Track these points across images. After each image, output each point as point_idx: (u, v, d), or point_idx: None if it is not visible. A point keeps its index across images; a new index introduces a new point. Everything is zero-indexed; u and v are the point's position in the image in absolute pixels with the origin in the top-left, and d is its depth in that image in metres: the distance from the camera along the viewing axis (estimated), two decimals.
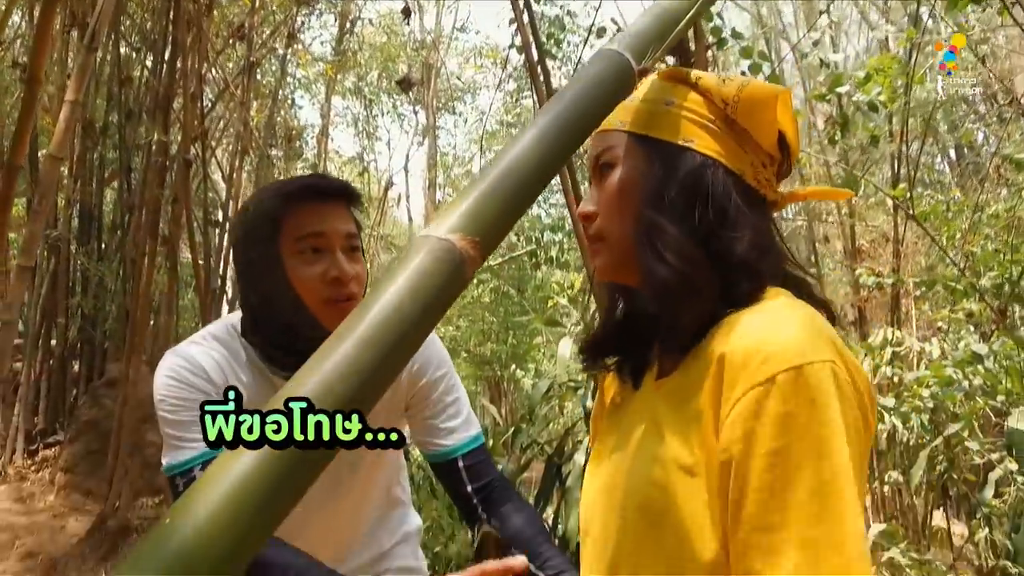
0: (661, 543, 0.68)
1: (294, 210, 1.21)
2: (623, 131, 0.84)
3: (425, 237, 0.61)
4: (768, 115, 0.81)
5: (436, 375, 1.36)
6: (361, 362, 0.51)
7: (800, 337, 0.66)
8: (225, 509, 0.43)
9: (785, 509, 0.61)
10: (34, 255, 3.56)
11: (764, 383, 0.64)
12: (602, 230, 0.82)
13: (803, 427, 0.62)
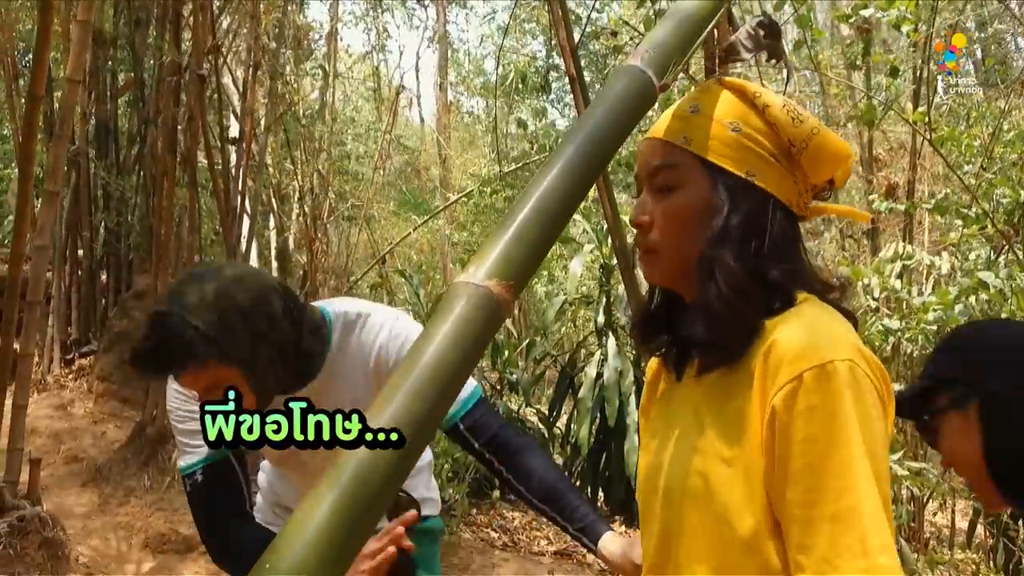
0: (703, 520, 0.80)
1: None
2: (688, 150, 0.87)
3: (464, 284, 0.69)
4: (833, 166, 0.89)
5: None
6: (415, 413, 0.60)
7: (823, 339, 0.77)
8: (312, 553, 0.53)
9: (817, 489, 0.73)
10: (60, 180, 3.63)
11: (793, 380, 0.75)
12: (659, 245, 0.88)
13: (827, 417, 0.73)
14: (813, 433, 0.73)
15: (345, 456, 0.58)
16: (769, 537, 0.77)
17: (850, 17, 3.25)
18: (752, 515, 0.77)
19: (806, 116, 0.88)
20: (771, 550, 0.76)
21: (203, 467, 1.38)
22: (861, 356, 0.77)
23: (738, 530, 0.77)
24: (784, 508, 0.75)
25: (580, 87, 2.48)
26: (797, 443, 0.74)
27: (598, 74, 12.23)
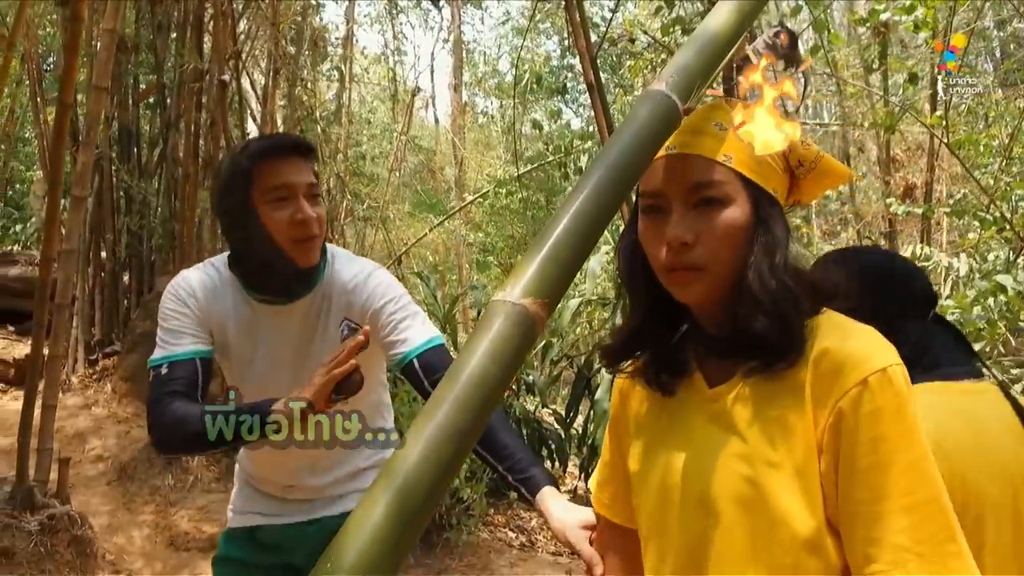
0: (755, 525, 0.82)
1: (264, 165, 1.48)
2: (731, 168, 0.89)
3: (502, 302, 0.73)
4: (828, 187, 0.95)
5: (379, 304, 1.56)
6: (459, 425, 0.65)
7: (876, 345, 0.82)
8: (369, 552, 0.58)
9: (885, 485, 0.76)
10: (87, 185, 3.72)
11: (859, 384, 0.79)
12: (705, 262, 0.88)
13: (892, 417, 0.78)
14: (882, 433, 0.77)
15: (396, 464, 0.62)
16: (828, 535, 0.80)
17: (866, 21, 3.27)
18: (813, 516, 0.80)
19: (810, 142, 0.95)
20: (832, 548, 0.80)
21: (170, 361, 1.50)
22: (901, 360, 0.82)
23: (799, 531, 0.80)
24: (849, 506, 0.78)
25: (599, 94, 2.51)
26: (864, 443, 0.78)
27: (613, 75, 12.27)
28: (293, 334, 1.60)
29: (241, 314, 1.58)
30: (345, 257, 1.65)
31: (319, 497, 1.69)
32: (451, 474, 0.65)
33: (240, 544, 1.74)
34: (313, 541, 1.67)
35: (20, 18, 4.10)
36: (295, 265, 1.51)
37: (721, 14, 0.99)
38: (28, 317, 6.60)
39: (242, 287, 1.57)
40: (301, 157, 1.53)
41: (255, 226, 1.49)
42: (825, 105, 12.53)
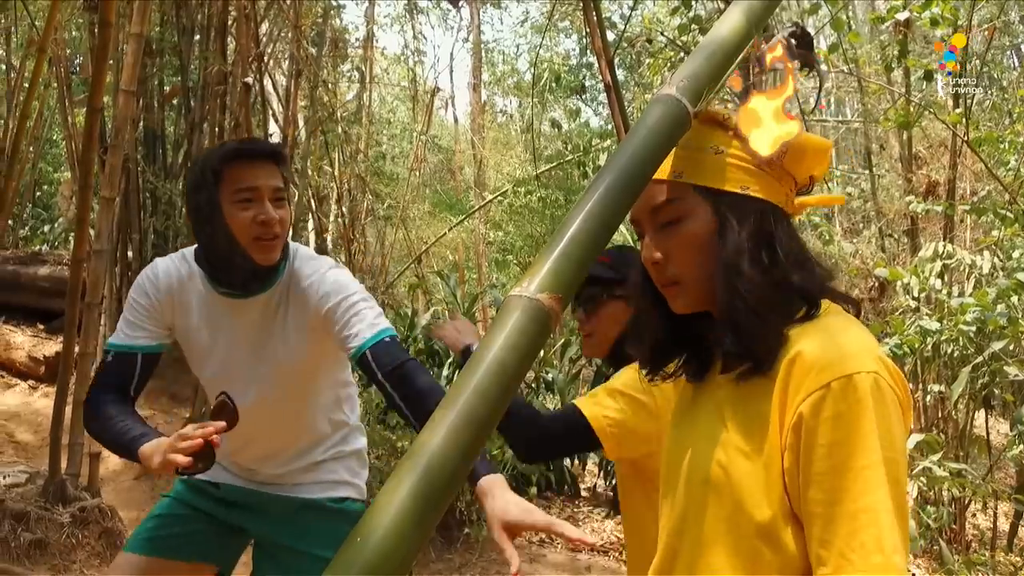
0: (720, 507, 0.87)
1: (233, 167, 1.57)
2: (683, 183, 0.94)
3: (518, 297, 0.77)
4: (816, 161, 0.95)
5: (333, 301, 1.62)
6: (478, 412, 0.69)
7: (851, 352, 0.83)
8: (395, 529, 0.62)
9: (839, 489, 0.79)
10: (116, 187, 3.81)
11: (821, 388, 0.82)
12: (678, 276, 0.94)
13: (851, 425, 0.80)
14: (837, 438, 0.80)
15: (420, 449, 0.67)
16: (785, 524, 0.84)
17: (884, 20, 3.27)
18: (769, 505, 0.84)
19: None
20: (788, 535, 0.83)
21: (117, 351, 1.66)
22: (884, 367, 0.84)
23: (755, 517, 0.84)
24: (806, 506, 0.82)
25: (616, 95, 2.54)
26: (821, 447, 0.80)
27: (632, 73, 12.27)
28: (251, 328, 1.68)
29: (203, 305, 1.68)
30: (306, 256, 1.72)
31: (279, 483, 1.77)
32: (471, 458, 0.69)
33: (195, 491, 1.79)
34: (274, 511, 1.76)
35: (50, 23, 4.20)
36: (253, 262, 1.60)
37: (730, 20, 1.02)
38: (57, 315, 6.75)
39: (206, 280, 1.67)
40: (270, 162, 1.61)
41: (220, 223, 1.57)
42: (847, 102, 12.44)
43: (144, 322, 1.68)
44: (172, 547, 1.73)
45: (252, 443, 1.74)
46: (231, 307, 1.67)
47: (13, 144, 4.99)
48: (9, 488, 3.64)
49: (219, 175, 1.56)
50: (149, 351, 1.68)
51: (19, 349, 6.65)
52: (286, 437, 1.75)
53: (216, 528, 1.78)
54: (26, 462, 4.95)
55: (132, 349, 1.67)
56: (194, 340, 1.70)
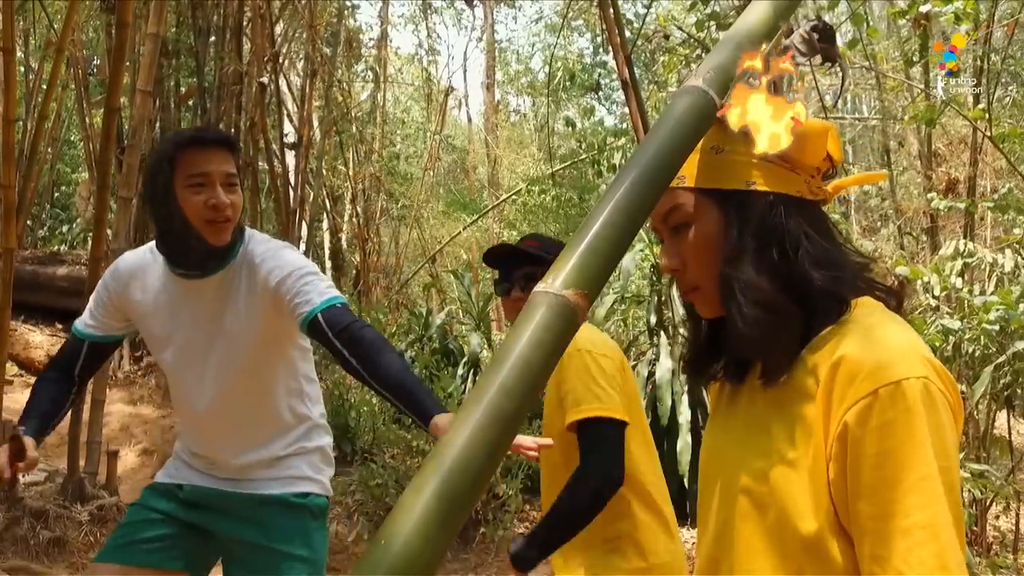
0: (763, 519, 0.83)
1: (186, 153, 1.64)
2: (686, 188, 0.91)
3: (544, 293, 0.75)
4: (819, 145, 0.89)
5: (283, 275, 1.69)
6: (504, 410, 0.67)
7: (898, 355, 0.78)
8: (419, 531, 0.61)
9: (890, 503, 0.74)
10: (133, 186, 3.83)
11: (868, 396, 0.77)
12: (695, 282, 0.91)
13: (901, 434, 0.75)
14: (888, 448, 0.75)
15: (443, 448, 0.65)
16: (832, 537, 0.79)
17: (906, 13, 3.22)
18: (815, 518, 0.79)
19: None
20: (835, 549, 0.79)
21: (73, 334, 1.82)
22: (934, 370, 0.79)
23: (801, 530, 0.80)
24: (856, 520, 0.77)
25: (635, 92, 2.52)
26: (870, 457, 0.76)
27: (646, 71, 12.21)
28: (208, 306, 1.73)
29: (164, 290, 1.75)
30: (260, 238, 1.79)
31: (241, 477, 1.79)
32: (498, 456, 0.67)
33: (160, 495, 1.83)
34: (237, 510, 1.78)
35: (68, 24, 4.23)
36: (206, 243, 1.66)
37: (756, 12, 1.00)
38: (75, 315, 6.81)
39: (165, 263, 1.74)
40: (223, 149, 1.68)
41: (174, 207, 1.64)
42: (864, 99, 12.32)
43: (99, 313, 1.79)
44: (143, 553, 1.75)
45: (211, 426, 1.78)
46: (189, 289, 1.73)
47: (32, 145, 5.02)
48: (28, 486, 3.67)
49: (173, 162, 1.64)
50: (96, 340, 1.80)
51: (38, 348, 6.71)
52: (245, 421, 1.78)
53: (183, 531, 1.80)
54: (45, 461, 4.99)
55: (81, 336, 1.80)
56: (154, 324, 1.77)
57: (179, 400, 1.82)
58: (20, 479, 3.67)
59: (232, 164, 1.69)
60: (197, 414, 1.77)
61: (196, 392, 1.75)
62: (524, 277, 1.82)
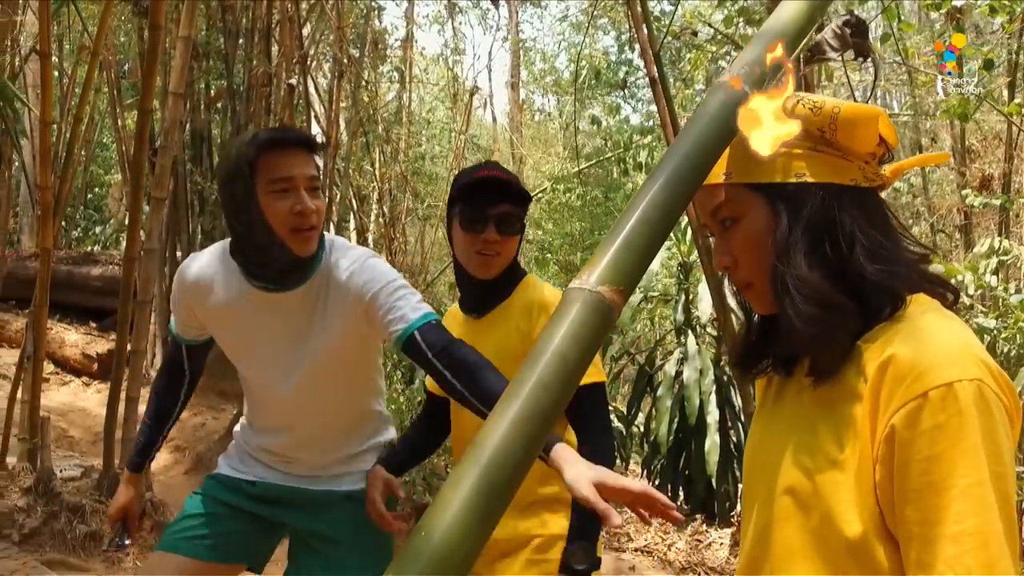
0: (806, 520, 0.82)
1: (268, 157, 1.54)
2: (735, 183, 0.89)
3: (579, 289, 0.76)
4: (869, 131, 0.87)
5: (376, 288, 1.60)
6: (541, 405, 0.68)
7: (950, 356, 0.76)
8: (459, 523, 0.61)
9: (939, 508, 0.72)
10: (166, 187, 3.89)
11: (918, 398, 0.75)
12: (748, 279, 0.91)
13: (952, 438, 0.73)
14: (937, 453, 0.73)
15: (482, 442, 0.66)
16: (878, 541, 0.78)
17: (939, 7, 3.17)
18: (861, 521, 0.78)
19: (822, 102, 0.88)
20: (880, 553, 0.77)
21: (172, 337, 1.81)
22: (988, 372, 0.76)
23: (845, 533, 0.78)
24: (903, 525, 0.76)
25: (663, 88, 2.51)
26: (919, 461, 0.74)
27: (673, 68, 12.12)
28: (290, 320, 1.64)
29: (240, 300, 1.64)
30: (343, 246, 1.70)
31: (321, 474, 1.76)
32: (535, 450, 0.68)
33: (228, 488, 1.78)
34: (312, 505, 1.74)
35: (102, 29, 4.31)
36: (291, 253, 1.56)
37: (790, 7, 0.99)
38: (109, 314, 6.94)
39: (242, 274, 1.63)
40: (305, 151, 1.59)
41: (256, 214, 1.53)
42: (895, 94, 12.14)
43: (180, 315, 1.73)
44: (209, 548, 1.72)
45: (292, 430, 1.74)
46: (269, 301, 1.64)
47: (67, 148, 5.13)
48: (65, 482, 3.74)
49: (254, 165, 1.53)
50: (189, 344, 1.77)
51: (73, 347, 6.85)
52: (330, 426, 1.75)
53: (253, 526, 1.77)
54: (80, 457, 5.09)
55: (177, 340, 1.79)
56: (230, 335, 1.69)
57: (259, 407, 1.76)
58: (58, 473, 3.75)
59: (314, 166, 1.60)
60: (280, 422, 1.73)
61: (279, 402, 1.70)
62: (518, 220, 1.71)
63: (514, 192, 1.70)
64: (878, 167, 0.91)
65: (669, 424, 5.19)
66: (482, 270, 1.72)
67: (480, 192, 1.70)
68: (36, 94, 6.73)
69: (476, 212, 1.69)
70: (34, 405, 3.84)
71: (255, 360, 1.69)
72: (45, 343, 4.25)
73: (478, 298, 1.77)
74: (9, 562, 3.15)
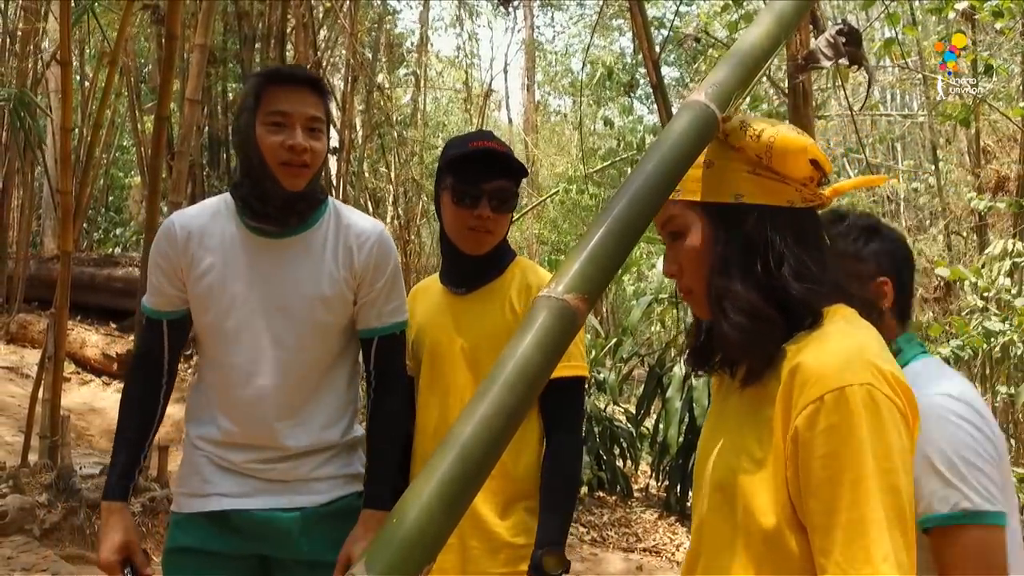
0: (731, 512, 0.91)
1: (269, 90, 1.56)
2: (680, 200, 0.97)
3: (547, 297, 0.81)
4: (800, 161, 0.94)
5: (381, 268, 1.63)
6: (507, 403, 0.74)
7: (845, 362, 0.85)
8: (427, 509, 0.67)
9: (835, 499, 0.82)
10: (183, 191, 3.99)
11: (815, 401, 0.84)
12: (689, 286, 0.99)
13: (844, 438, 0.82)
14: (832, 450, 0.82)
15: (453, 437, 0.72)
16: (791, 532, 0.86)
17: (941, 11, 3.18)
18: (775, 513, 0.86)
19: (761, 130, 0.94)
20: (793, 543, 0.86)
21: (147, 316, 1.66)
22: (880, 377, 0.84)
23: (763, 524, 0.87)
24: (808, 515, 0.85)
25: (662, 95, 2.56)
26: (817, 459, 0.83)
27: (687, 69, 12.11)
28: (285, 270, 1.60)
29: (233, 246, 1.60)
30: (352, 210, 1.71)
31: (296, 479, 1.61)
32: (501, 447, 0.74)
33: (199, 529, 1.60)
34: (292, 530, 1.59)
35: (121, 36, 4.42)
36: (282, 188, 1.55)
37: (759, 27, 1.04)
38: (129, 315, 7.08)
39: (239, 212, 1.61)
40: (308, 89, 1.58)
41: (252, 145, 1.55)
42: (914, 94, 12.05)
43: (164, 285, 1.61)
44: None
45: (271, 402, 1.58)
46: (264, 247, 1.60)
47: (88, 152, 5.25)
48: (84, 479, 3.84)
49: (258, 98, 1.55)
50: (170, 318, 1.63)
51: (93, 347, 7.00)
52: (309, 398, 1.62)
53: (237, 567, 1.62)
54: (99, 455, 5.21)
55: (158, 316, 1.63)
56: (216, 286, 1.59)
57: (233, 372, 1.59)
58: (78, 470, 3.85)
59: (318, 108, 1.59)
60: (255, 388, 1.57)
61: (258, 361, 1.57)
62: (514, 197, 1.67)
63: (510, 166, 1.65)
64: (816, 188, 0.98)
65: (679, 425, 5.22)
66: (473, 246, 1.67)
67: (474, 165, 1.63)
68: (58, 99, 6.88)
69: (469, 187, 1.63)
70: (55, 404, 3.94)
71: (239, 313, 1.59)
72: (66, 343, 4.36)
73: (468, 274, 1.71)
74: (30, 556, 3.26)
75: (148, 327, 1.66)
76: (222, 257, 1.59)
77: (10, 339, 7.44)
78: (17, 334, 7.46)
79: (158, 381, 1.66)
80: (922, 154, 11.97)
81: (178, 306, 1.63)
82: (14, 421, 5.44)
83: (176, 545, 1.61)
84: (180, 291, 1.61)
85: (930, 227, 10.34)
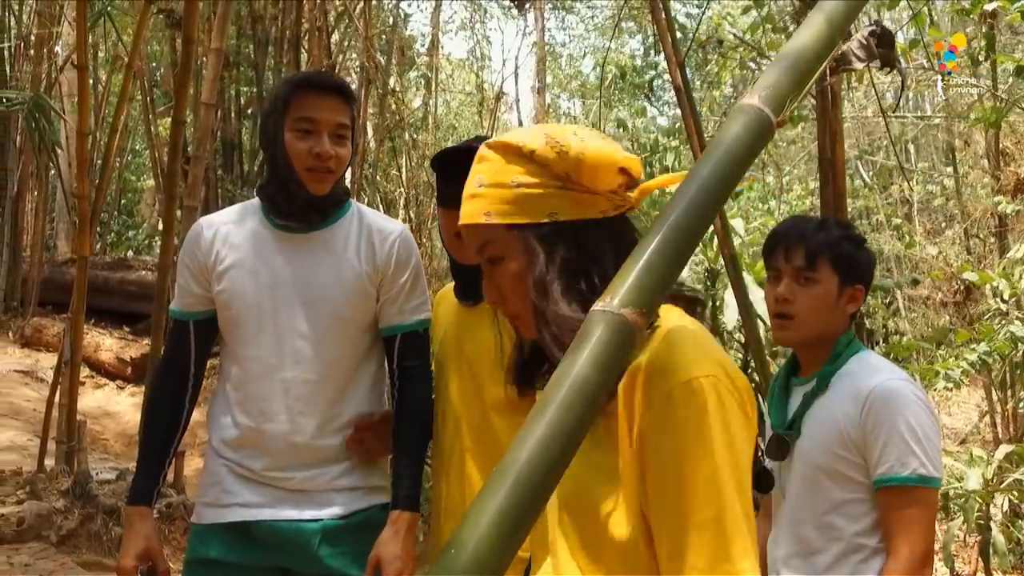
0: (582, 525, 0.88)
1: (299, 96, 1.59)
2: (492, 223, 0.92)
3: (602, 312, 0.78)
4: (609, 172, 0.92)
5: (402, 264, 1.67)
6: (566, 425, 0.70)
7: (686, 357, 0.84)
8: (486, 540, 0.64)
9: (685, 499, 0.79)
10: (198, 195, 3.97)
11: (662, 396, 0.82)
12: (515, 312, 0.95)
13: (693, 432, 0.80)
14: (681, 447, 0.80)
15: (509, 462, 0.68)
16: (644, 540, 0.83)
17: (969, 12, 3.14)
18: (628, 522, 0.84)
19: (568, 146, 0.91)
20: (648, 552, 0.83)
21: (175, 319, 1.67)
22: (723, 371, 0.84)
23: (615, 536, 0.84)
24: (656, 518, 0.81)
25: (688, 98, 2.52)
26: (667, 454, 0.80)
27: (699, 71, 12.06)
28: (308, 266, 1.62)
29: (258, 243, 1.63)
30: (375, 212, 1.77)
31: (315, 489, 1.59)
32: (562, 468, 0.70)
33: (219, 540, 1.59)
34: (312, 542, 1.58)
35: (137, 41, 4.41)
36: (307, 192, 1.60)
37: (812, 27, 1.00)
38: (143, 318, 7.09)
39: (264, 211, 1.66)
40: (336, 97, 1.61)
41: (280, 149, 1.59)
42: (927, 96, 11.96)
43: (192, 286, 1.63)
44: None
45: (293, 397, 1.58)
46: (288, 243, 1.62)
47: (103, 158, 5.26)
48: (101, 485, 3.83)
49: (287, 103, 1.59)
50: (197, 319, 1.64)
51: (107, 351, 7.00)
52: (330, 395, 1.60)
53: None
54: (115, 459, 5.21)
55: (184, 317, 1.64)
56: (240, 280, 1.60)
57: (255, 364, 1.58)
58: (94, 476, 3.84)
59: (345, 115, 1.62)
60: (277, 380, 1.57)
61: (281, 354, 1.57)
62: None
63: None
64: (625, 192, 0.95)
65: None
66: (462, 254, 1.59)
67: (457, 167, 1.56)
68: (72, 103, 6.90)
69: (451, 187, 1.53)
70: (71, 409, 3.93)
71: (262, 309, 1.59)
72: (82, 348, 4.35)
73: (470, 285, 1.61)
74: (47, 563, 3.24)
75: (175, 330, 1.68)
76: (246, 252, 1.63)
77: (25, 343, 7.46)
78: (32, 338, 7.48)
79: (184, 386, 1.66)
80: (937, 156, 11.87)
81: (205, 306, 1.65)
82: (29, 425, 5.44)
83: (196, 556, 1.60)
84: (206, 290, 1.64)
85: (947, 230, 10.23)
